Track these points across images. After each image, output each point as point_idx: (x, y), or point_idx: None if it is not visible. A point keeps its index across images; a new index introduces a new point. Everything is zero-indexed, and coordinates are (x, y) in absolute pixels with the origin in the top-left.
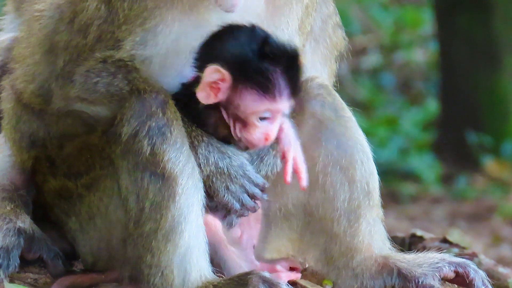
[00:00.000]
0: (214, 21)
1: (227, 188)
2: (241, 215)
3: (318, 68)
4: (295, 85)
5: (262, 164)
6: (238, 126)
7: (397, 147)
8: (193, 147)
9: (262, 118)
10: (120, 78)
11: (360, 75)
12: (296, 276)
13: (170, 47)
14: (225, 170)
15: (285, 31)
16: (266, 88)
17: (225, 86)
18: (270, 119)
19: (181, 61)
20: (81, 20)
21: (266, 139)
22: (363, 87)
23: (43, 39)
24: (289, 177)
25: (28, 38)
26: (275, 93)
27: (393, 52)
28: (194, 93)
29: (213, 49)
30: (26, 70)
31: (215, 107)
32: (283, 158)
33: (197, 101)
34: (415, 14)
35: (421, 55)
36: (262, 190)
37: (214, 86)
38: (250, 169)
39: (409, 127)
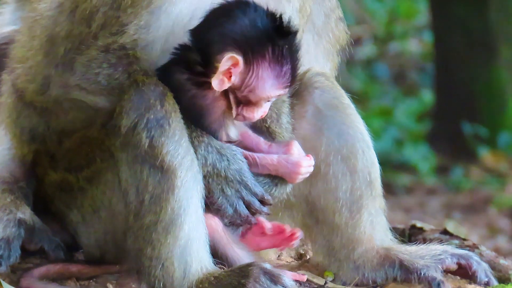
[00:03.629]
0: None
1: (222, 190)
2: (234, 223)
3: (321, 62)
4: (297, 66)
5: (274, 186)
6: (241, 106)
7: (392, 138)
8: (193, 147)
9: (268, 100)
10: (121, 70)
11: (354, 65)
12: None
13: (171, 30)
14: (222, 172)
15: (286, 10)
16: (281, 69)
17: (237, 70)
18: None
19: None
20: (85, 10)
21: (262, 116)
22: (357, 78)
23: (45, 40)
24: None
25: (29, 41)
26: (288, 75)
27: (388, 43)
28: (180, 74)
29: (219, 31)
30: (28, 71)
31: (209, 88)
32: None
33: (187, 83)
34: (410, 4)
35: (416, 45)
36: (262, 201)
37: (226, 72)
38: (248, 176)
39: (404, 118)
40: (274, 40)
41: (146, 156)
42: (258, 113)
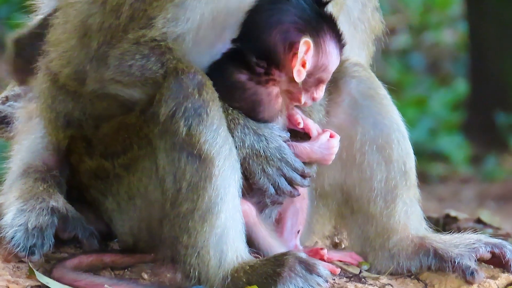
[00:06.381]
0: None
1: (263, 170)
2: (276, 201)
3: (356, 52)
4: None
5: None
6: (311, 90)
7: (426, 127)
8: (230, 130)
9: None
10: (154, 61)
11: (389, 55)
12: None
13: (201, 22)
14: (261, 152)
15: None
16: (340, 37)
17: (310, 55)
18: None
19: (213, 35)
20: (113, 1)
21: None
22: (392, 68)
23: (78, 25)
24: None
25: (64, 25)
26: (341, 38)
27: (422, 33)
28: (233, 70)
29: (278, 28)
30: (62, 54)
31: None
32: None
33: (237, 80)
34: None
35: (450, 35)
36: (302, 175)
37: (302, 61)
38: (288, 153)
39: (438, 108)
40: (323, 13)
41: (184, 144)
42: (323, 90)
